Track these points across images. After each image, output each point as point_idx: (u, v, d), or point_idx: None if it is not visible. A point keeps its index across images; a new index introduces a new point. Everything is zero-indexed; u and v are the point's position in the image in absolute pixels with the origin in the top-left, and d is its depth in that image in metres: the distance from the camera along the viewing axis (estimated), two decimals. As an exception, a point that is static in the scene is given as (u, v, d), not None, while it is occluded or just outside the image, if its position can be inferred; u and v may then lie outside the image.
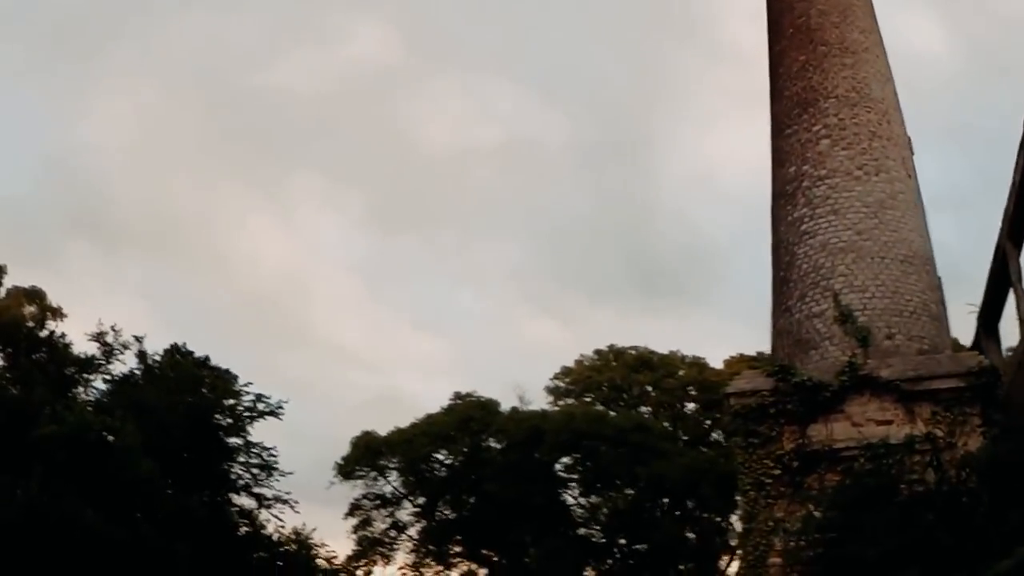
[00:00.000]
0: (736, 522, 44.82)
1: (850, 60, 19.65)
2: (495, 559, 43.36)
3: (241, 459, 32.98)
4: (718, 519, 43.94)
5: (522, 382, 75.98)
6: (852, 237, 18.13)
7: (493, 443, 42.44)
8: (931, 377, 16.32)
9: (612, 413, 42.92)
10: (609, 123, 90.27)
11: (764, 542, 16.04)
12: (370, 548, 42.65)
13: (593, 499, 42.84)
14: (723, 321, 78.98)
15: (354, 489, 42.88)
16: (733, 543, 44.60)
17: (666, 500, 41.95)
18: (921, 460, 15.79)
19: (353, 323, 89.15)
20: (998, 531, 12.74)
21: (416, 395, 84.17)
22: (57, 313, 30.84)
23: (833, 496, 15.45)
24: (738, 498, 16.60)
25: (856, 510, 15.02)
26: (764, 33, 21.94)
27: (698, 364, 47.63)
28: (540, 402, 45.05)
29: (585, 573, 42.21)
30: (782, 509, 16.20)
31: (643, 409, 45.91)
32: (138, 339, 31.75)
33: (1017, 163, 15.54)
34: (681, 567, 44.48)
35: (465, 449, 42.45)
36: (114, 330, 31.09)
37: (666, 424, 44.63)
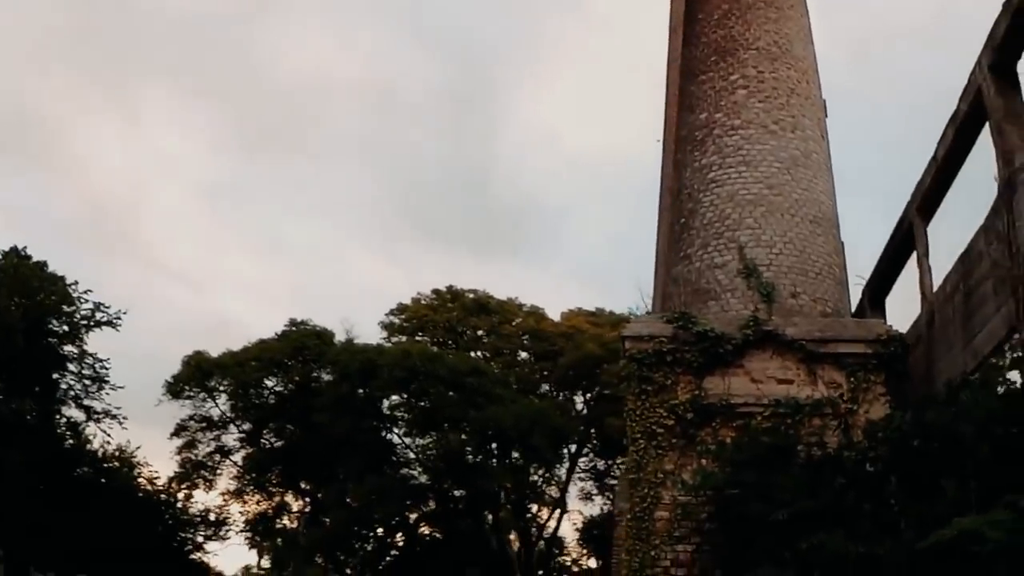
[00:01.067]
0: (562, 473, 44.22)
1: (774, 15, 18.33)
2: (316, 493, 41.29)
3: (73, 369, 29.88)
4: (542, 470, 43.15)
5: (352, 316, 73.95)
6: (763, 191, 16.85)
7: (325, 375, 40.14)
8: (837, 340, 15.18)
9: (450, 355, 41.18)
10: (469, 73, 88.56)
11: (652, 494, 14.62)
12: (193, 471, 39.95)
13: (420, 440, 41.15)
14: (557, 276, 79.01)
15: (182, 409, 40.27)
16: (556, 495, 44.01)
17: (494, 446, 40.66)
18: (821, 423, 14.67)
19: (191, 242, 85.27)
20: (918, 501, 11.60)
21: (250, 320, 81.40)
22: None
23: (732, 452, 14.12)
24: (628, 447, 15.04)
25: (755, 468, 13.75)
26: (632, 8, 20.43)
27: (536, 314, 46.74)
28: (373, 337, 43.18)
29: (407, 514, 40.57)
30: (672, 461, 14.82)
31: (477, 353, 44.49)
32: (-20, 233, 28.25)
33: (943, 136, 14.56)
34: (501, 515, 43.51)
35: (297, 378, 40.09)
36: (-44, 224, 27.43)
37: (498, 371, 43.20)
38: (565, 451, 43.97)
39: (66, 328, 29.57)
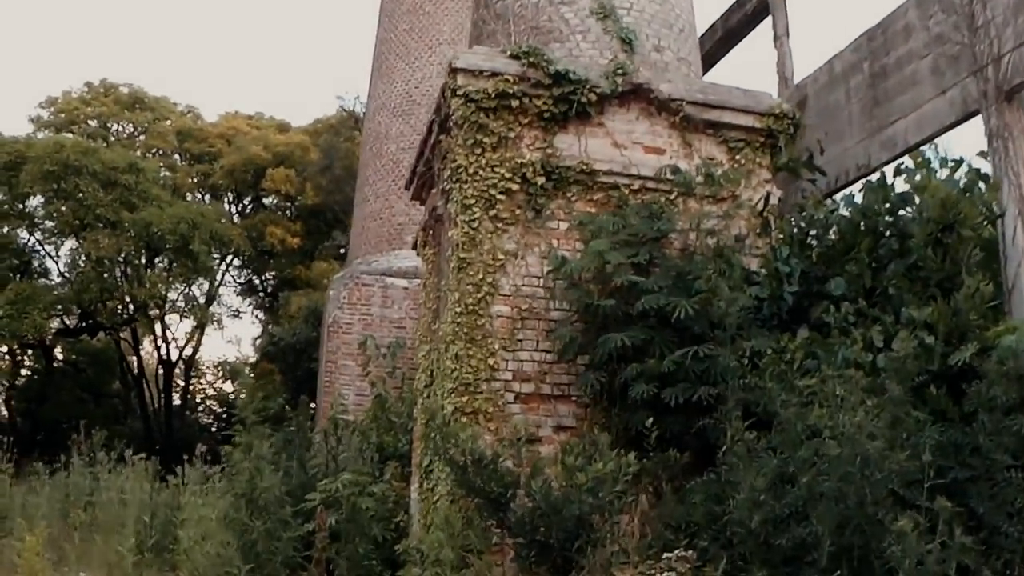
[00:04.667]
0: (208, 285, 37.44)
1: None
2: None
3: None
4: (196, 281, 36.38)
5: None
6: (620, -83, 11.73)
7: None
8: (723, 107, 10.58)
9: (108, 150, 32.88)
10: None
11: (489, 281, 9.43)
12: None
13: (67, 244, 32.94)
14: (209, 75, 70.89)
15: None
16: (203, 309, 37.25)
17: (144, 253, 33.33)
18: (697, 207, 10.14)
19: None
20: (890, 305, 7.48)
21: None
22: None
23: (616, 227, 9.26)
24: (457, 217, 9.70)
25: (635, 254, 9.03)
26: None
27: (192, 113, 39.83)
28: (21, 131, 34.07)
29: (47, 328, 32.20)
30: (515, 240, 9.69)
31: (132, 152, 36.59)
32: None
33: None
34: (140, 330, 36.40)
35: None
36: None
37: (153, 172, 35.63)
38: (223, 263, 37.39)
39: None
